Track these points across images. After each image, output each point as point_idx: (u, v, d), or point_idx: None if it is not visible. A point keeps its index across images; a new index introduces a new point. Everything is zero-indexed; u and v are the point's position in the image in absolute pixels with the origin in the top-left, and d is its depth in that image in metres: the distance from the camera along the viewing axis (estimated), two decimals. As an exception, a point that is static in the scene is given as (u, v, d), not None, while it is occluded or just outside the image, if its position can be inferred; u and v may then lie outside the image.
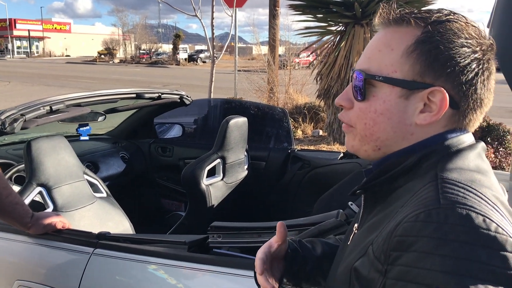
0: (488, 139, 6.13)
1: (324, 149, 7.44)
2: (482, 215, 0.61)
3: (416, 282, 0.60)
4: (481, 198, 0.65)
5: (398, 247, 0.64)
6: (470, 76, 0.73)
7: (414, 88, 0.74)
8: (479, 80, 0.74)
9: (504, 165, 5.61)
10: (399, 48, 0.76)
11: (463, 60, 0.73)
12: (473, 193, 0.65)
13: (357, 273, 0.72)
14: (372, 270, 0.68)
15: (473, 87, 0.74)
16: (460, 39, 0.73)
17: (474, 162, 0.73)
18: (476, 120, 0.78)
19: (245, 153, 3.03)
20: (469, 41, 0.73)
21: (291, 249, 1.00)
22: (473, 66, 0.73)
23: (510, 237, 0.60)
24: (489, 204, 0.64)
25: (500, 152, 5.96)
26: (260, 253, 0.94)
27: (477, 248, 0.58)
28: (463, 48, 0.73)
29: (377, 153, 0.81)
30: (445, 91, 0.73)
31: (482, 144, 0.78)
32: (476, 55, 0.73)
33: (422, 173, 0.73)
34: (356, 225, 0.88)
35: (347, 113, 0.84)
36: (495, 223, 0.61)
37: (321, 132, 8.98)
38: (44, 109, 2.26)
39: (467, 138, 0.77)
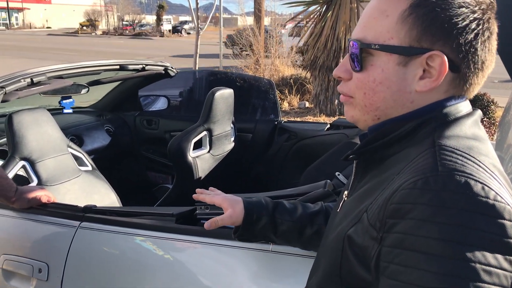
0: (473, 109, 6.19)
1: (311, 120, 7.45)
2: (481, 183, 0.60)
3: (413, 250, 0.60)
4: (479, 166, 0.64)
5: (394, 214, 0.63)
6: (469, 38, 0.71)
7: (412, 54, 0.73)
8: (479, 41, 0.72)
9: (488, 135, 5.68)
10: (394, 14, 0.74)
11: (461, 21, 0.70)
12: (472, 161, 0.65)
13: (350, 240, 0.72)
14: (367, 238, 0.68)
15: (473, 49, 0.72)
16: (457, 0, 0.71)
17: (472, 129, 0.72)
18: (477, 84, 0.76)
19: (232, 125, 3.01)
20: (467, 0, 0.71)
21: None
22: (473, 27, 0.71)
23: (508, 205, 0.60)
24: (487, 172, 0.64)
25: (484, 122, 6.04)
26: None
27: (476, 215, 0.58)
28: (461, 9, 0.70)
29: (376, 122, 0.80)
30: (443, 55, 0.71)
31: (479, 112, 0.77)
32: (475, 15, 0.71)
33: (418, 140, 0.72)
34: (346, 192, 0.87)
35: (346, 84, 0.82)
36: (494, 191, 0.60)
37: (307, 104, 8.97)
38: (24, 81, 2.20)
39: (464, 106, 0.75)
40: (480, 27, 0.72)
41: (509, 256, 0.58)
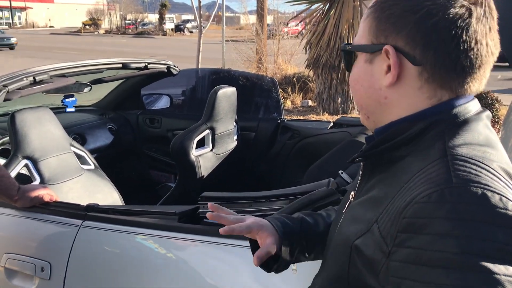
0: (476, 107, 6.16)
1: (314, 119, 7.43)
2: (498, 194, 0.59)
3: (431, 265, 0.58)
4: (494, 175, 0.62)
5: (407, 228, 0.61)
6: (423, 27, 0.69)
7: (372, 50, 0.76)
8: (438, 31, 0.68)
9: (491, 133, 5.65)
10: (364, 16, 0.79)
11: (413, 13, 0.70)
12: (486, 170, 0.63)
13: (358, 250, 0.70)
14: (376, 251, 0.66)
15: (430, 39, 0.69)
16: None
17: (483, 134, 0.70)
18: (466, 78, 0.71)
19: (234, 123, 3.00)
20: None
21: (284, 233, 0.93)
22: (426, 16, 0.69)
23: None
24: (502, 181, 0.62)
25: (488, 121, 6.00)
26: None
27: (494, 228, 0.56)
28: (411, 1, 0.71)
29: (368, 122, 0.83)
30: (392, 48, 0.72)
31: (487, 112, 0.75)
32: (428, 3, 0.69)
33: (427, 144, 0.70)
34: (352, 193, 0.86)
35: None
36: (511, 201, 0.58)
37: (310, 103, 8.96)
38: (27, 79, 2.20)
39: (472, 106, 0.73)
40: (437, 17, 0.68)
41: None
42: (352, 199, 0.85)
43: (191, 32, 43.59)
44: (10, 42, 24.45)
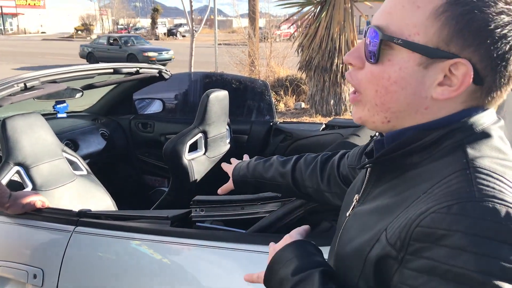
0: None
1: (307, 121, 7.45)
2: None
3: (446, 279, 0.55)
4: None
5: (423, 238, 0.58)
6: (503, 50, 0.63)
7: (436, 56, 0.64)
8: None
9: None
10: (426, 7, 0.65)
11: (499, 29, 0.62)
12: (509, 186, 0.59)
13: (373, 263, 0.66)
14: (386, 259, 0.63)
15: (505, 62, 0.63)
16: (500, 3, 0.62)
17: (503, 146, 0.67)
18: (500, 98, 0.68)
19: (227, 126, 3.00)
20: (510, 7, 0.62)
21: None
22: (510, 37, 0.62)
23: None
24: None
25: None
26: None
27: None
28: (501, 16, 0.62)
29: (385, 125, 0.73)
30: (470, 65, 0.63)
31: (502, 123, 0.70)
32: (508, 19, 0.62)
33: (445, 154, 0.66)
34: (356, 196, 0.82)
35: (356, 74, 0.74)
36: None
37: (303, 105, 8.98)
38: (18, 86, 2.19)
39: (490, 116, 0.69)
40: None
41: None
42: (356, 203, 0.81)
43: (183, 36, 43.63)
44: (168, 57, 18.92)
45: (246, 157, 1.50)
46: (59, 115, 2.90)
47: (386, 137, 0.75)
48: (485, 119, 0.68)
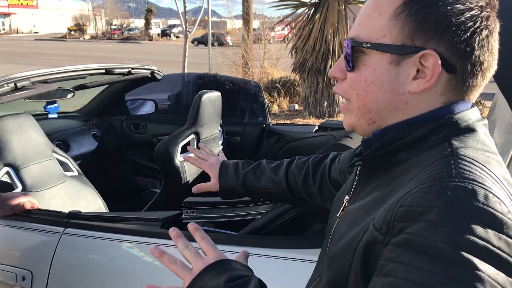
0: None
1: (300, 123, 7.45)
2: (498, 199, 0.58)
3: (420, 252, 0.57)
4: (497, 182, 0.62)
5: (405, 217, 0.60)
6: (465, 36, 0.67)
7: (404, 52, 0.70)
8: (476, 40, 0.68)
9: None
10: (387, 11, 0.71)
11: (456, 17, 0.67)
12: (490, 175, 0.62)
13: (364, 251, 0.68)
14: (375, 244, 0.65)
15: (470, 48, 0.68)
16: None
17: (487, 140, 0.70)
18: (477, 86, 0.72)
19: (220, 128, 3.00)
20: None
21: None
22: (469, 24, 0.67)
23: None
24: (503, 189, 0.62)
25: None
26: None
27: (490, 229, 0.56)
28: (456, 5, 0.67)
29: (371, 126, 0.77)
30: (436, 54, 0.67)
31: (486, 121, 0.74)
32: (471, 12, 0.67)
33: (430, 147, 0.69)
34: (347, 197, 0.84)
35: (341, 85, 0.79)
36: (509, 210, 0.58)
37: (297, 106, 8.99)
38: (8, 86, 2.17)
39: (473, 114, 0.72)
40: (477, 24, 0.68)
41: (510, 277, 0.56)
42: (346, 203, 0.83)
43: (177, 37, 43.54)
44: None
45: (222, 155, 1.43)
46: (50, 116, 2.88)
47: (373, 136, 0.78)
48: (470, 116, 0.71)
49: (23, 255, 1.67)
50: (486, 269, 0.55)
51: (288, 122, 7.44)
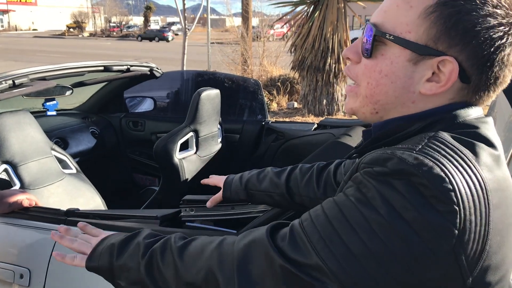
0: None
1: (299, 120, 7.45)
2: (446, 176, 0.59)
3: (337, 202, 0.66)
4: (465, 163, 0.62)
5: (359, 169, 0.67)
6: (489, 50, 0.66)
7: (425, 53, 0.69)
8: (498, 56, 0.67)
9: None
10: (418, 7, 0.69)
11: (485, 31, 0.65)
12: (458, 155, 0.62)
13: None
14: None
15: (490, 63, 0.67)
16: (487, 7, 0.65)
17: (480, 133, 0.68)
18: (488, 98, 0.72)
19: (219, 126, 2.99)
20: (497, 10, 0.66)
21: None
22: (495, 40, 0.66)
23: (458, 207, 0.58)
24: (464, 172, 0.61)
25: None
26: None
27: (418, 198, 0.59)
28: (488, 18, 0.65)
29: (374, 116, 0.78)
30: (456, 62, 0.67)
31: (489, 118, 0.73)
32: (501, 28, 0.66)
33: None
34: None
35: (354, 68, 0.79)
36: (452, 185, 0.59)
37: (296, 104, 8.98)
38: (6, 83, 2.16)
39: (474, 111, 0.72)
40: (503, 41, 0.66)
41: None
42: None
43: (176, 34, 43.49)
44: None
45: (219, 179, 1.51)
46: (49, 113, 2.87)
47: (373, 127, 0.79)
48: (469, 113, 0.71)
49: (21, 253, 1.66)
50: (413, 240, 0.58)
51: (287, 120, 7.44)
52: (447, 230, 0.58)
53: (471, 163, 0.62)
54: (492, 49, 0.66)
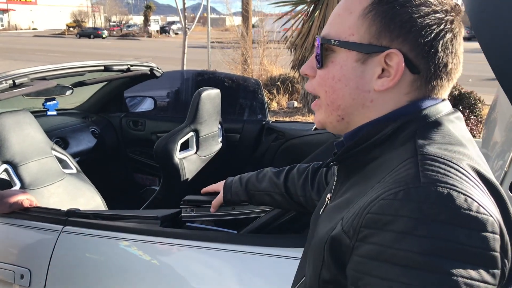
0: (460, 107, 6.23)
1: (299, 120, 7.44)
2: (464, 194, 0.58)
3: (392, 263, 0.57)
4: (463, 174, 0.62)
5: (371, 224, 0.60)
6: (429, 38, 0.69)
7: (370, 51, 0.71)
8: (440, 42, 0.70)
9: (475, 132, 5.72)
10: (356, 11, 0.73)
11: (421, 19, 0.69)
12: (455, 169, 0.62)
13: (330, 250, 0.69)
14: (341, 246, 0.66)
15: (433, 49, 0.70)
16: None
17: (453, 134, 0.70)
18: (443, 87, 0.74)
19: (219, 125, 2.99)
20: (429, 0, 0.70)
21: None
22: (433, 27, 0.69)
23: (491, 216, 0.58)
24: (470, 181, 0.61)
25: (471, 120, 6.07)
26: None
27: (457, 228, 0.56)
28: (422, 7, 0.69)
29: (341, 123, 0.79)
30: (400, 54, 0.69)
31: (458, 114, 0.75)
32: (437, 15, 0.69)
33: (399, 144, 0.70)
34: (329, 195, 0.85)
35: (311, 82, 0.81)
36: (477, 202, 0.58)
37: (296, 104, 8.98)
38: (6, 83, 2.16)
39: (443, 107, 0.73)
40: (442, 27, 0.70)
41: (492, 269, 0.57)
42: (328, 202, 0.84)
43: (176, 34, 43.48)
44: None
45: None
46: (49, 113, 2.87)
47: (345, 137, 0.80)
48: (440, 110, 0.72)
49: (22, 253, 1.66)
50: (460, 271, 0.55)
51: (287, 119, 7.44)
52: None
53: (465, 172, 0.63)
54: (432, 36, 0.69)
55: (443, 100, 0.75)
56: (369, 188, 0.67)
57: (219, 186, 1.48)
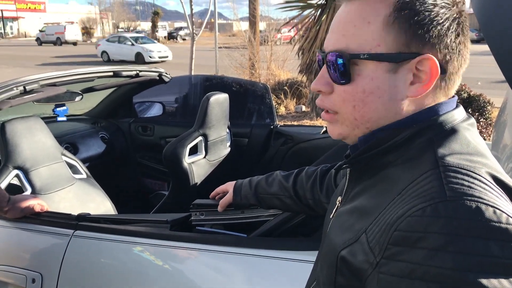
0: (469, 110, 6.19)
1: (307, 124, 7.44)
2: (492, 206, 0.57)
3: (425, 280, 0.57)
4: (486, 184, 0.61)
5: (400, 242, 0.59)
6: (453, 37, 0.70)
7: (401, 60, 0.70)
8: (459, 40, 0.71)
9: (484, 135, 5.69)
10: (377, 20, 0.70)
11: (445, 21, 0.69)
12: (478, 179, 0.62)
13: (345, 261, 0.69)
14: (364, 261, 0.65)
15: (455, 48, 0.71)
16: (438, 1, 0.70)
17: (471, 142, 0.69)
18: (455, 83, 0.75)
19: (227, 130, 2.99)
20: (447, 1, 0.71)
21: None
22: (454, 26, 0.70)
23: None
24: (494, 191, 0.61)
25: (481, 123, 6.04)
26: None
27: (489, 242, 0.55)
28: (442, 10, 0.69)
29: (366, 134, 0.77)
30: (433, 58, 0.69)
31: (472, 120, 0.75)
32: (453, 14, 0.71)
33: (416, 152, 0.69)
34: (339, 198, 0.84)
35: (328, 98, 0.77)
36: (505, 213, 0.57)
37: (304, 108, 8.97)
38: (17, 89, 2.18)
39: (459, 114, 0.73)
40: (461, 26, 0.71)
41: None
42: (339, 205, 0.83)
43: (184, 39, 43.69)
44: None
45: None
46: (59, 119, 2.90)
47: (359, 140, 0.78)
48: (455, 117, 0.72)
49: (33, 258, 1.68)
50: (494, 283, 0.54)
51: (295, 123, 7.43)
52: None
53: (487, 181, 0.63)
54: (455, 35, 0.70)
55: (458, 106, 0.75)
56: (390, 200, 0.66)
57: (227, 186, 1.49)
